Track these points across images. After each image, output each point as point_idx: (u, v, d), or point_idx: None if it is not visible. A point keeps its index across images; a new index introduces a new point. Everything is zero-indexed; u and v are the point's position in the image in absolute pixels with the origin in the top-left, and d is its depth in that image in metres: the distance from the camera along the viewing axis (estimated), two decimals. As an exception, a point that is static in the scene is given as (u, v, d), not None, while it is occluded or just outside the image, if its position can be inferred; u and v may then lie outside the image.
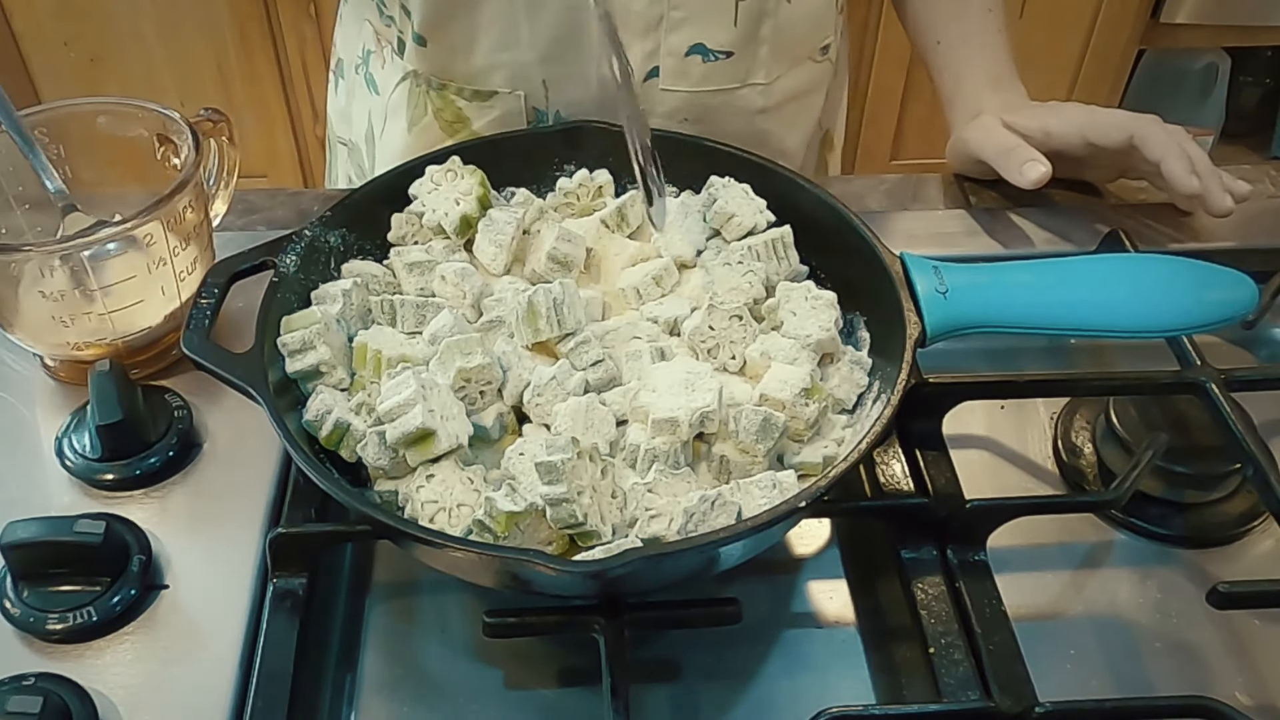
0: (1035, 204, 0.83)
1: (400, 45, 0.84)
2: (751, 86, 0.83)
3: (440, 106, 0.84)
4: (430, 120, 0.85)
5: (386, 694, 0.57)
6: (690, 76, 0.81)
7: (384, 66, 0.87)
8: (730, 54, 0.81)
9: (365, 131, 0.92)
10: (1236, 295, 0.62)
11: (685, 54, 0.80)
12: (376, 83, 0.89)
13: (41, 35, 1.95)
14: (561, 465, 0.52)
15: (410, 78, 0.85)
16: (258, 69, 2.00)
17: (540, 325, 0.60)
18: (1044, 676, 0.54)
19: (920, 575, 0.58)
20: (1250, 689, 0.58)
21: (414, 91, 0.85)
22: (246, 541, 0.60)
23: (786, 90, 0.86)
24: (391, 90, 0.87)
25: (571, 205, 0.71)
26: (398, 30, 0.84)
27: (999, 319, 0.61)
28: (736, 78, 0.82)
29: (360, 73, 0.90)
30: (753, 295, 0.64)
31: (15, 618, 0.56)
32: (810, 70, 0.87)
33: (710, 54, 0.80)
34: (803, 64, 0.86)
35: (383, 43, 0.87)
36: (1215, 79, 2.30)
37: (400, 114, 0.87)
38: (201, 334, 0.58)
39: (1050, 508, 0.64)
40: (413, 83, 0.85)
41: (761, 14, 0.80)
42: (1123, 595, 0.62)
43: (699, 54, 0.80)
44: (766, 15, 0.80)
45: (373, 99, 0.90)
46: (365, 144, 0.93)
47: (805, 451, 0.59)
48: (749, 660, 0.59)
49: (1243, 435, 0.62)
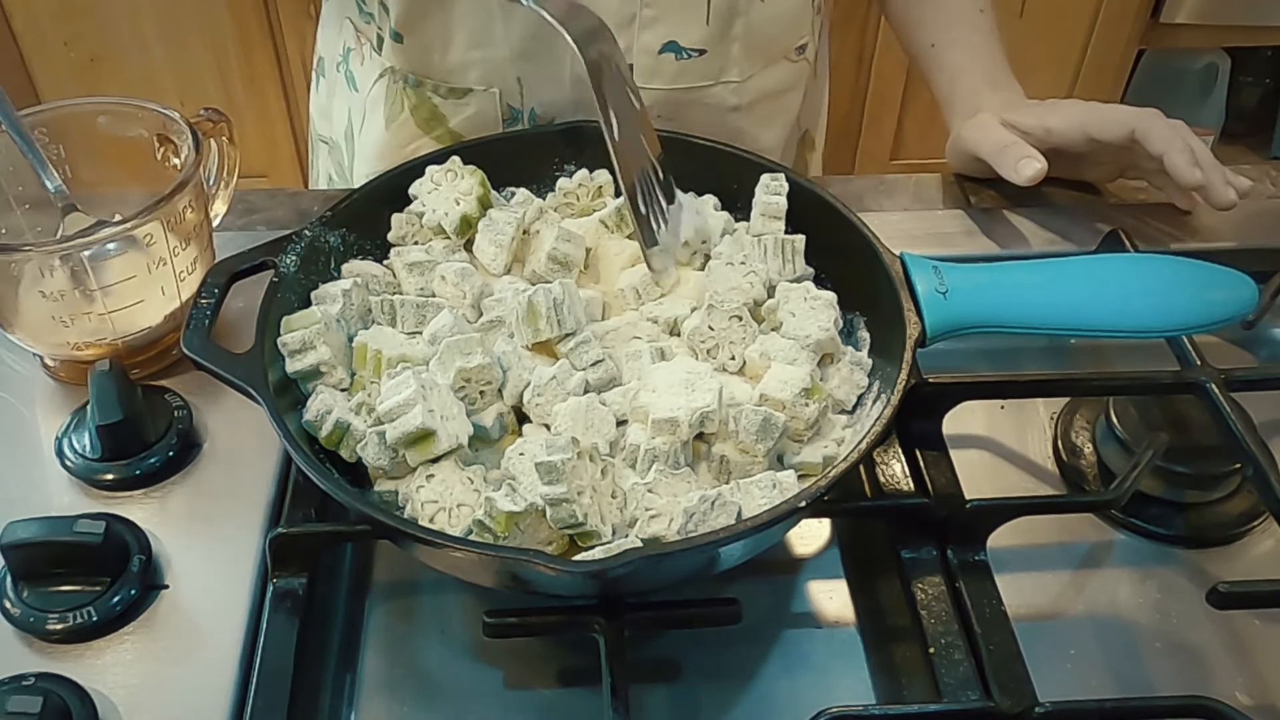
0: (1035, 204, 0.83)
1: (379, 42, 0.84)
2: (724, 84, 0.83)
3: (416, 103, 0.85)
4: (407, 117, 0.86)
5: (386, 694, 0.57)
6: (663, 74, 0.81)
7: (363, 63, 0.88)
8: (703, 52, 0.81)
9: (345, 129, 0.92)
10: (1237, 295, 0.62)
11: (659, 52, 0.80)
12: (356, 80, 0.89)
13: (41, 35, 1.95)
14: (561, 465, 0.52)
15: (388, 74, 0.85)
16: (258, 69, 2.00)
17: (540, 325, 0.60)
18: (1044, 676, 0.54)
19: (920, 575, 0.58)
20: (1250, 689, 0.58)
21: (391, 88, 0.85)
22: (246, 541, 0.60)
23: (760, 89, 0.86)
24: (370, 87, 0.87)
25: (571, 205, 0.71)
26: (376, 27, 0.84)
27: (999, 319, 0.61)
28: (709, 75, 0.82)
29: (341, 70, 0.91)
30: (753, 296, 0.64)
31: (15, 618, 0.56)
32: (785, 70, 0.87)
33: (683, 52, 0.80)
34: (777, 63, 0.86)
35: (362, 40, 0.87)
36: (1215, 79, 2.30)
37: (378, 110, 0.87)
38: (201, 334, 0.58)
39: (1050, 508, 0.64)
40: (390, 79, 0.85)
41: (733, 12, 0.80)
42: (1123, 595, 0.62)
43: (671, 52, 0.80)
44: (738, 14, 0.80)
45: (352, 96, 0.90)
46: (345, 141, 0.93)
47: (805, 452, 0.59)
48: (749, 660, 0.59)
49: (1243, 435, 0.62)
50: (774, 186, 0.67)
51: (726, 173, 0.71)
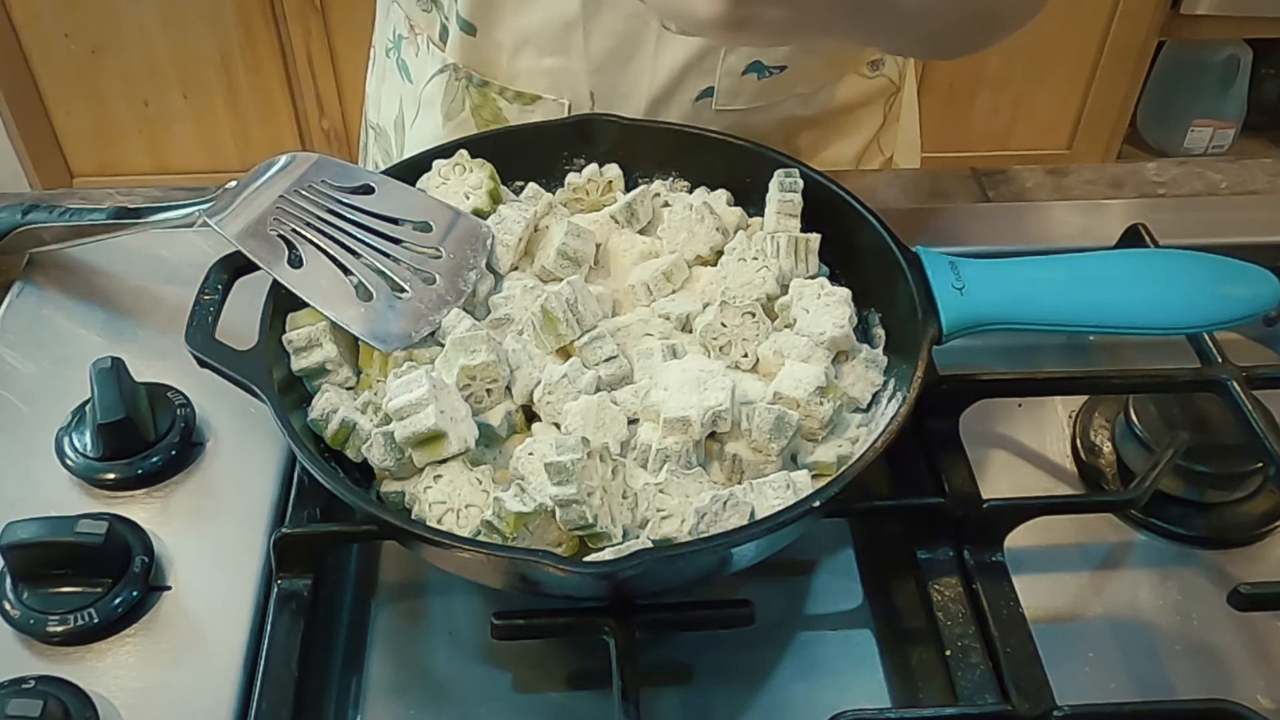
0: (1054, 198, 0.82)
1: (443, 33, 0.81)
2: (794, 96, 0.81)
3: (480, 103, 0.82)
4: (467, 116, 0.83)
5: (393, 697, 0.57)
6: (744, 95, 0.79)
7: (417, 55, 0.85)
8: (784, 68, 0.79)
9: (395, 118, 0.90)
10: (1258, 291, 0.61)
11: (742, 73, 0.78)
12: (410, 71, 0.86)
13: (42, 26, 1.94)
14: (571, 466, 0.51)
15: (449, 70, 0.82)
16: (262, 60, 1.99)
17: (561, 330, 0.59)
18: (1062, 679, 0.53)
19: (936, 576, 0.58)
20: (1272, 692, 0.57)
21: (452, 85, 0.82)
22: (250, 542, 0.60)
23: (828, 102, 0.83)
24: (426, 81, 0.84)
25: (580, 200, 0.70)
26: (441, 17, 0.80)
27: (1017, 316, 0.60)
28: (785, 90, 0.80)
29: (391, 57, 0.88)
30: (765, 291, 0.63)
31: (15, 619, 0.55)
32: (857, 85, 0.84)
33: (766, 70, 0.78)
34: (849, 77, 0.84)
35: (416, 31, 0.84)
36: (1236, 71, 2.29)
37: (435, 106, 0.84)
38: (205, 331, 0.58)
39: (1069, 508, 0.63)
40: (452, 75, 0.82)
41: None
42: (1142, 596, 0.61)
43: (755, 72, 0.78)
44: None
45: (405, 86, 0.87)
46: (394, 131, 0.91)
47: (819, 451, 0.58)
48: (762, 663, 0.58)
49: (1264, 433, 0.61)
50: (789, 183, 0.66)
51: (738, 167, 0.70)
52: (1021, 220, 0.81)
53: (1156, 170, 0.87)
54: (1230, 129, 2.35)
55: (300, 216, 0.62)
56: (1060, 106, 2.13)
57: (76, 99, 2.06)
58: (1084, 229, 0.79)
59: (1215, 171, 0.87)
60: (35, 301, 0.73)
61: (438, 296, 0.61)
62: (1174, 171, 0.87)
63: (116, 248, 0.76)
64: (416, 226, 0.63)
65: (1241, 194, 0.85)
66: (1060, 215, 0.81)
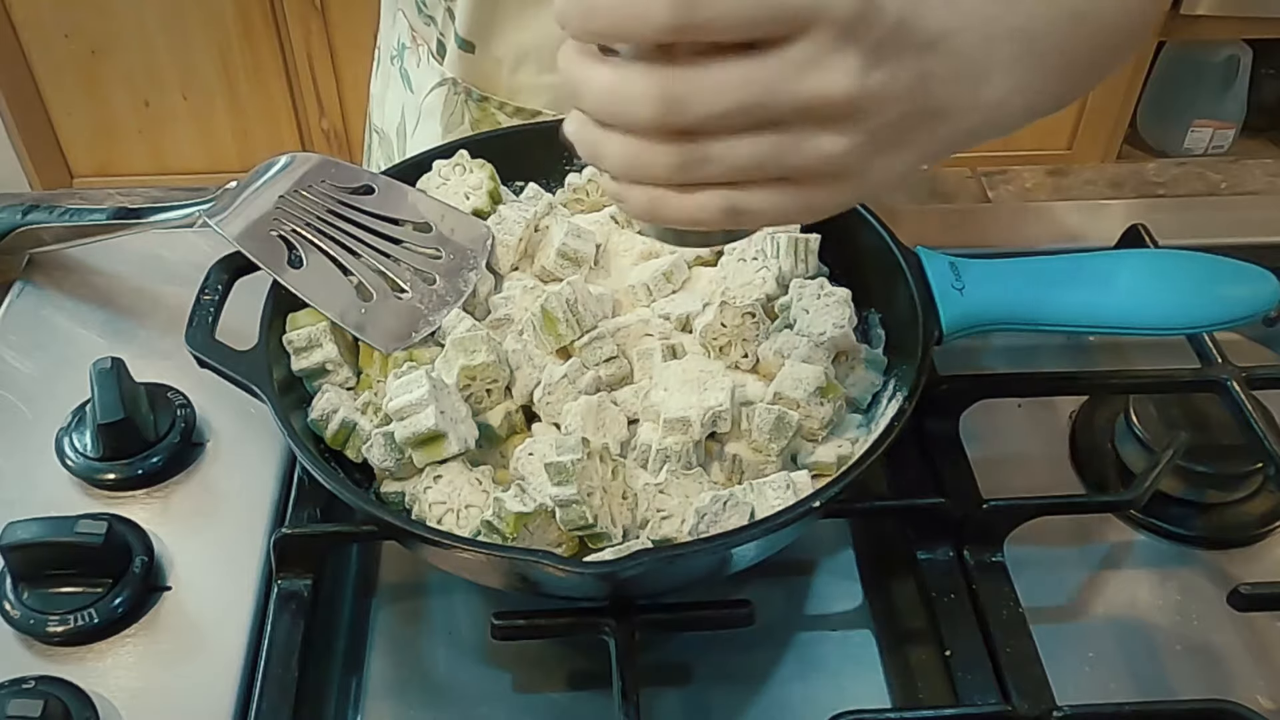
0: (1054, 199, 0.81)
1: (441, 48, 0.81)
2: None
3: (479, 118, 0.82)
4: (466, 129, 0.83)
5: (393, 698, 0.57)
6: None
7: (419, 65, 0.85)
8: None
9: (398, 125, 0.90)
10: (1258, 291, 0.61)
11: None
12: (411, 80, 0.86)
13: (42, 27, 1.94)
14: (571, 466, 0.51)
15: (448, 85, 0.82)
16: (262, 61, 1.99)
17: (561, 330, 0.59)
18: (1062, 679, 0.53)
19: (936, 576, 0.58)
20: (1272, 692, 0.57)
21: (451, 99, 0.82)
22: (250, 542, 0.60)
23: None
24: (427, 92, 0.84)
25: (581, 201, 0.70)
26: (438, 32, 0.81)
27: (1016, 316, 0.60)
28: None
29: (395, 65, 0.88)
30: (765, 291, 0.63)
31: (15, 620, 0.55)
32: None
33: None
34: None
35: (419, 41, 0.84)
36: (1237, 71, 2.29)
37: (435, 118, 0.84)
38: (205, 331, 0.58)
39: (1068, 508, 0.63)
40: (451, 90, 0.82)
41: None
42: (1142, 597, 0.61)
43: None
44: None
45: (407, 95, 0.87)
46: (396, 137, 0.91)
47: (819, 451, 0.58)
48: (762, 663, 0.58)
49: (1264, 434, 0.60)
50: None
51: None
52: (1021, 220, 0.80)
53: (1156, 171, 0.87)
54: (1230, 129, 2.34)
55: (300, 217, 0.62)
56: (1060, 107, 2.12)
57: (76, 99, 2.06)
58: (1084, 229, 0.79)
59: (1215, 172, 0.87)
60: (35, 301, 0.73)
61: (438, 297, 0.61)
62: (1174, 172, 0.87)
63: (116, 248, 0.76)
64: (417, 227, 0.63)
65: (1241, 194, 0.85)
66: (1060, 215, 0.81)
